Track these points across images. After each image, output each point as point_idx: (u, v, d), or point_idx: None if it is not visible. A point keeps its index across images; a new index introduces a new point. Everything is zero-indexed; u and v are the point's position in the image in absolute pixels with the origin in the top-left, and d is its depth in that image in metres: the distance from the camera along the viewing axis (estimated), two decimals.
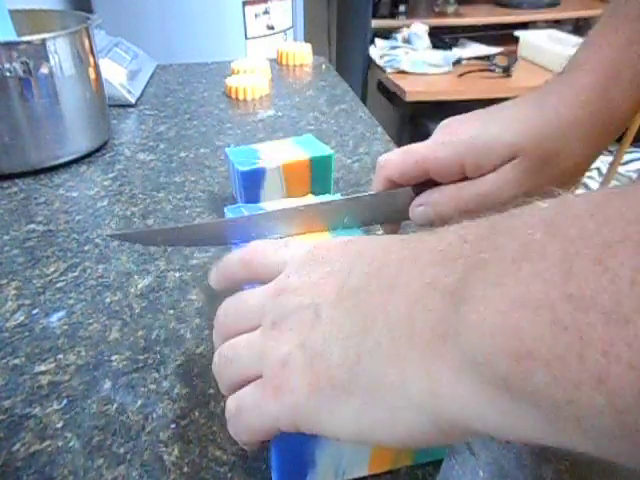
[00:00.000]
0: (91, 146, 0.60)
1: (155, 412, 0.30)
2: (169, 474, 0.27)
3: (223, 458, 0.27)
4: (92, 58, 0.59)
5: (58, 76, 0.54)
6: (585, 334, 0.13)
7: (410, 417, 0.18)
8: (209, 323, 0.36)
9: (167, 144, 0.64)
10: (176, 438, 0.28)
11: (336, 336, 0.20)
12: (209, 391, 0.31)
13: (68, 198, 0.52)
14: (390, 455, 0.27)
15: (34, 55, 0.51)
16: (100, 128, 0.62)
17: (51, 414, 0.30)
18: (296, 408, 0.21)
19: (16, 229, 0.46)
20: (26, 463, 0.27)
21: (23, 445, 0.28)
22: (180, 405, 0.30)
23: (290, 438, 0.23)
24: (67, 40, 0.54)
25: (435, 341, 0.17)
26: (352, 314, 0.20)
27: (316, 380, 0.20)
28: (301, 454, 0.25)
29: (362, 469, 0.27)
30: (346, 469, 0.26)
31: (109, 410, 0.30)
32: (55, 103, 0.55)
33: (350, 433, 0.20)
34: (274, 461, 0.25)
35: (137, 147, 0.63)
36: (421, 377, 0.17)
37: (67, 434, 0.28)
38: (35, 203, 0.51)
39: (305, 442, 0.24)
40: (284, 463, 0.25)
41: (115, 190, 0.53)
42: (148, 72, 0.85)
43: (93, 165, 0.59)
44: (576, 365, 0.13)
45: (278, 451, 0.24)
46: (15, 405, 0.30)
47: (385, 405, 0.19)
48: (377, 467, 0.27)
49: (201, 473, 0.27)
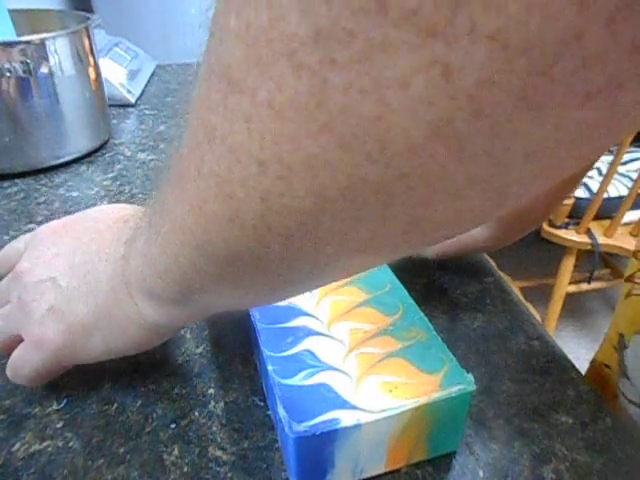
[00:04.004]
0: (91, 146, 0.60)
1: (155, 412, 0.30)
2: (169, 474, 0.27)
3: (223, 458, 0.27)
4: (92, 58, 0.59)
5: (58, 76, 0.54)
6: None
7: (137, 332, 0.27)
8: (209, 323, 0.36)
9: (167, 144, 0.64)
10: (176, 438, 0.28)
11: (78, 296, 0.27)
12: (209, 391, 0.31)
13: (68, 198, 0.52)
14: (405, 452, 0.27)
15: (34, 55, 0.51)
16: (100, 128, 0.62)
17: (51, 414, 0.30)
18: (57, 350, 0.28)
19: (16, 229, 0.46)
20: (26, 463, 0.27)
21: (23, 445, 0.28)
22: (180, 405, 0.30)
23: (310, 441, 0.24)
24: (67, 40, 0.54)
25: (126, 289, 0.26)
26: (84, 280, 0.27)
27: (69, 327, 0.27)
28: (321, 456, 0.25)
29: (379, 467, 0.27)
30: (364, 467, 0.26)
31: (109, 410, 0.30)
32: (55, 103, 0.55)
33: (101, 354, 0.28)
34: (294, 464, 0.25)
35: (137, 147, 0.63)
36: (132, 307, 0.26)
37: (67, 434, 0.28)
38: (35, 203, 0.51)
39: (325, 444, 0.24)
40: (304, 466, 0.25)
41: (115, 190, 0.53)
42: (148, 72, 0.85)
43: (93, 165, 0.59)
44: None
45: (298, 454, 0.24)
46: (15, 405, 0.30)
47: (120, 330, 0.27)
48: (393, 464, 0.27)
49: (201, 473, 0.27)
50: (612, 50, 0.09)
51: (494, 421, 0.30)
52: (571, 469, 0.28)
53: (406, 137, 0.11)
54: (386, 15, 0.10)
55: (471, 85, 0.10)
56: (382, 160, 0.12)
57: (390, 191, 0.13)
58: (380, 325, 0.30)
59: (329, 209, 0.14)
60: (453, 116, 0.11)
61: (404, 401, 0.25)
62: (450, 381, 0.26)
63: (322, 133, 0.12)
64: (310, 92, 0.11)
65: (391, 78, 0.10)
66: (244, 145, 0.14)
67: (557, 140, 0.11)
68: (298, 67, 0.11)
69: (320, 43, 0.11)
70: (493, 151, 0.12)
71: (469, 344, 0.35)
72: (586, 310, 1.79)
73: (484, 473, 0.27)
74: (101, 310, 0.27)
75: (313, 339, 0.29)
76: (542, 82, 0.10)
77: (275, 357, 0.28)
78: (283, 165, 0.13)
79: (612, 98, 0.10)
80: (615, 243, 1.28)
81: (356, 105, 0.11)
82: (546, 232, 1.32)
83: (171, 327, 0.28)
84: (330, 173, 0.13)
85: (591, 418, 0.30)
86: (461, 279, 0.41)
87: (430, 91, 0.10)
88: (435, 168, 0.12)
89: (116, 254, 0.26)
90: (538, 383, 0.33)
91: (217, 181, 0.15)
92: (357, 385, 0.26)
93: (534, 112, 0.11)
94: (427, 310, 0.31)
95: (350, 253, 0.16)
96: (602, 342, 0.43)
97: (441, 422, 0.26)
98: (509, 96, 0.10)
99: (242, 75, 0.13)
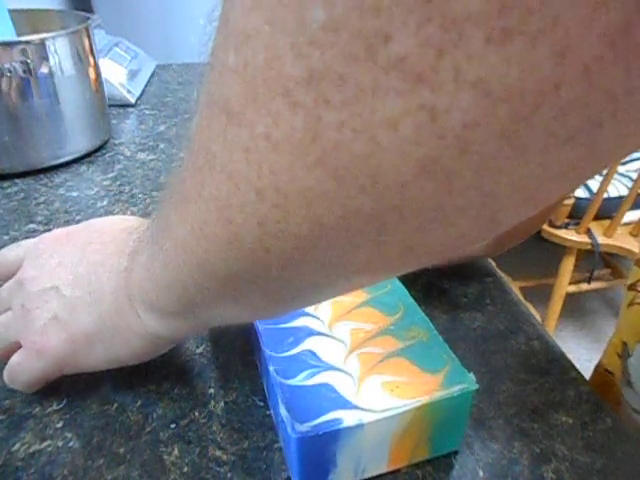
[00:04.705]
0: (91, 146, 0.60)
1: (155, 412, 0.30)
2: (169, 474, 0.27)
3: (223, 458, 0.27)
4: (92, 58, 0.59)
5: (58, 76, 0.54)
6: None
7: (139, 343, 0.27)
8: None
9: (167, 144, 0.64)
10: (176, 438, 0.28)
11: (81, 306, 0.28)
12: (209, 391, 0.31)
13: (68, 198, 0.52)
14: (407, 451, 0.27)
15: (34, 55, 0.51)
16: (100, 128, 0.62)
17: (51, 414, 0.30)
18: (59, 359, 0.28)
19: (16, 229, 0.46)
20: (26, 463, 0.27)
21: (23, 445, 0.28)
22: (180, 405, 0.30)
23: (312, 441, 0.24)
24: (67, 40, 0.54)
25: (129, 301, 0.26)
26: (88, 290, 0.28)
27: (71, 337, 0.28)
28: (323, 456, 0.25)
29: (381, 467, 0.27)
30: (366, 467, 0.26)
31: (109, 410, 0.30)
32: (55, 103, 0.55)
33: (102, 364, 0.29)
34: (296, 465, 0.25)
35: (137, 147, 0.63)
36: (135, 318, 0.26)
37: (67, 434, 0.28)
38: (35, 203, 0.51)
39: (327, 444, 0.24)
40: (306, 466, 0.25)
41: (115, 190, 0.53)
42: (148, 72, 0.85)
43: (93, 165, 0.59)
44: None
45: (301, 454, 0.24)
46: (15, 405, 0.30)
47: (122, 340, 0.27)
48: (395, 463, 0.27)
49: (201, 473, 0.27)
50: (590, 97, 0.10)
51: (494, 421, 0.30)
52: (571, 469, 0.28)
53: (396, 173, 0.12)
54: (375, 62, 0.10)
55: (457, 126, 0.11)
56: (375, 193, 0.13)
57: (383, 220, 0.13)
58: (381, 325, 0.30)
59: (325, 235, 0.14)
60: (441, 154, 0.11)
61: (406, 401, 0.25)
62: (452, 380, 0.26)
63: (317, 166, 0.13)
64: (305, 128, 0.12)
65: (381, 119, 0.11)
66: (242, 173, 0.14)
67: (542, 175, 0.12)
68: (294, 105, 0.12)
69: (313, 84, 0.11)
70: (481, 185, 0.12)
71: (469, 344, 0.35)
72: (586, 310, 1.79)
73: (484, 473, 0.27)
74: (104, 320, 0.27)
75: (314, 339, 0.29)
76: (523, 127, 0.11)
77: (276, 357, 0.28)
78: (280, 194, 0.14)
79: (592, 137, 0.11)
80: (615, 243, 1.28)
81: (349, 142, 0.12)
82: (546, 232, 1.32)
83: (173, 338, 0.28)
84: (325, 203, 0.13)
85: (591, 418, 0.30)
86: (461, 279, 0.41)
87: (418, 132, 0.11)
88: (426, 200, 0.13)
89: (119, 266, 0.27)
90: (538, 383, 0.33)
91: (217, 205, 0.16)
92: (359, 385, 0.26)
93: (518, 151, 0.11)
94: (427, 310, 0.31)
95: (347, 274, 0.17)
96: (606, 347, 0.43)
97: (443, 422, 0.26)
98: (493, 136, 0.11)
99: (241, 109, 0.13)
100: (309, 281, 0.18)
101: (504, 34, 0.09)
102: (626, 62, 0.09)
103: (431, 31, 0.10)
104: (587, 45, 0.09)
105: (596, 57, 0.09)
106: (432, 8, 0.09)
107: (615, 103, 0.10)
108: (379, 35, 0.10)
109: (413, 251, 0.15)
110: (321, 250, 0.15)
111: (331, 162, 0.12)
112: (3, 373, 0.30)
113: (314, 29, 0.11)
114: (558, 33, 0.09)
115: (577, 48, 0.09)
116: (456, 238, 0.15)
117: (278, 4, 0.11)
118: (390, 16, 0.10)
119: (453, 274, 0.42)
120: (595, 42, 0.09)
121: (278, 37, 0.11)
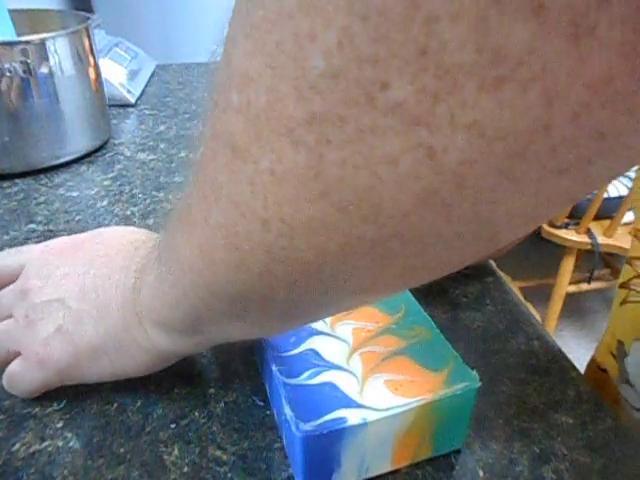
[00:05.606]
0: (91, 146, 0.60)
1: (155, 412, 0.30)
2: (169, 474, 0.27)
3: (223, 458, 0.27)
4: (92, 58, 0.59)
5: (58, 76, 0.54)
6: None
7: (145, 357, 0.28)
8: None
9: (167, 144, 0.64)
10: (176, 438, 0.28)
11: (87, 319, 0.28)
12: (209, 391, 0.31)
13: (68, 198, 0.52)
14: (411, 450, 0.27)
15: (34, 55, 0.51)
16: (100, 128, 0.62)
17: (51, 414, 0.30)
18: (62, 371, 0.28)
19: (16, 229, 0.46)
20: (26, 463, 0.27)
21: (23, 445, 0.28)
22: (180, 405, 0.30)
23: (317, 440, 0.24)
24: (67, 40, 0.54)
25: (137, 317, 0.26)
26: (95, 304, 0.28)
27: (76, 349, 0.28)
28: (327, 455, 0.25)
29: (385, 465, 0.27)
30: (369, 466, 0.26)
31: (109, 410, 0.30)
32: (55, 103, 0.55)
33: (106, 376, 0.29)
34: (300, 464, 0.25)
35: (137, 147, 0.63)
36: (142, 334, 0.26)
37: (67, 434, 0.28)
38: (35, 203, 0.51)
39: (331, 443, 0.24)
40: (311, 465, 0.25)
41: (115, 190, 0.53)
42: (148, 72, 0.85)
43: (93, 165, 0.59)
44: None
45: (305, 454, 0.24)
46: (15, 405, 0.30)
47: (128, 354, 0.28)
48: (399, 462, 0.27)
49: (201, 473, 0.27)
50: (579, 137, 0.11)
51: (494, 421, 0.30)
52: (571, 469, 0.28)
53: (397, 205, 0.13)
54: (374, 107, 0.11)
55: (454, 163, 0.11)
56: (377, 222, 0.13)
57: (386, 246, 0.14)
58: (383, 324, 0.30)
59: (330, 261, 0.15)
60: (439, 188, 0.12)
61: (409, 399, 0.25)
62: (455, 378, 0.26)
63: (320, 199, 0.13)
64: (308, 165, 0.13)
65: (381, 156, 0.12)
66: (248, 204, 0.15)
67: (538, 202, 0.13)
68: (296, 143, 0.12)
69: (315, 125, 0.12)
70: (478, 214, 0.13)
71: (469, 344, 0.35)
72: (586, 310, 1.79)
73: (484, 473, 0.27)
74: (110, 334, 0.27)
75: (317, 339, 0.29)
76: (518, 162, 0.11)
77: (279, 357, 0.28)
78: (285, 224, 0.14)
79: (583, 171, 0.12)
80: (615, 243, 1.28)
81: (351, 178, 0.12)
82: (546, 232, 1.32)
83: (179, 353, 0.28)
84: (329, 232, 0.14)
85: (591, 418, 0.30)
86: (461, 279, 0.41)
87: (417, 168, 0.12)
88: (426, 228, 0.13)
89: (127, 282, 0.27)
90: (538, 383, 0.33)
91: (223, 232, 0.16)
92: (362, 384, 0.26)
93: (513, 183, 0.12)
94: (427, 310, 0.31)
95: (352, 294, 0.18)
96: (598, 345, 0.43)
97: (446, 420, 0.26)
98: (489, 171, 0.11)
99: (245, 145, 0.14)
100: (315, 301, 0.18)
101: (496, 82, 0.10)
102: (612, 108, 0.10)
103: (426, 80, 0.10)
104: (574, 92, 0.10)
105: (583, 103, 0.10)
106: (427, 59, 0.10)
107: (603, 142, 0.11)
108: (377, 83, 0.11)
109: (415, 271, 0.16)
110: (326, 274, 0.16)
111: (334, 195, 0.13)
112: (2, 379, 0.30)
113: (314, 75, 0.11)
114: (547, 81, 0.10)
115: (565, 95, 0.10)
116: (456, 258, 0.16)
117: (279, 51, 0.12)
118: (387, 66, 0.10)
119: (453, 274, 0.42)
120: (582, 90, 0.10)
121: (279, 81, 0.12)
